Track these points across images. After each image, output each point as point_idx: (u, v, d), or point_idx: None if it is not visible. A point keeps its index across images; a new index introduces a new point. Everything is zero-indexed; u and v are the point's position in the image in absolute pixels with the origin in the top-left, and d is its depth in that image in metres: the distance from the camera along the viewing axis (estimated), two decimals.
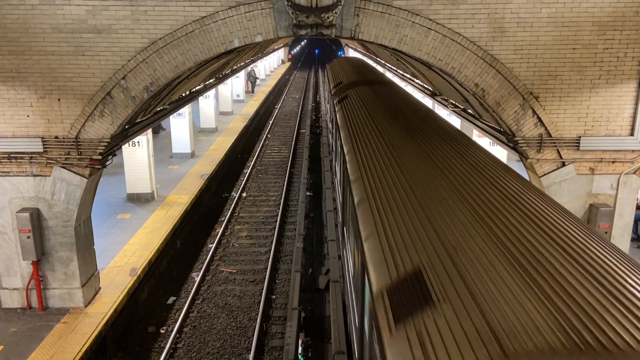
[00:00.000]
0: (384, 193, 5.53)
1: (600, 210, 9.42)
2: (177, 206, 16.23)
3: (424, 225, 4.58)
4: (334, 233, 13.64)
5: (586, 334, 2.75)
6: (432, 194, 5.23)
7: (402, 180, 5.73)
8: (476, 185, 5.40)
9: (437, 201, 4.93)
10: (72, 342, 9.28)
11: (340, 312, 9.61)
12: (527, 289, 3.25)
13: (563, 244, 3.89)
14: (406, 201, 5.08)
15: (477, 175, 5.74)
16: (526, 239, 3.98)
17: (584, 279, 3.33)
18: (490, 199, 4.94)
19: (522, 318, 2.94)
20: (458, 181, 5.55)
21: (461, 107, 13.13)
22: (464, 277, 3.54)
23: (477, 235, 4.14)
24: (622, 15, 8.82)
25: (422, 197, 5.19)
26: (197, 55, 9.19)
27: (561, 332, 2.78)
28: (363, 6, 8.93)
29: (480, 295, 3.26)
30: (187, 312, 11.70)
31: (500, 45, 9.07)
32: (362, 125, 8.99)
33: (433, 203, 4.98)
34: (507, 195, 5.04)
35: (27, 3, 8.83)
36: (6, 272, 10.24)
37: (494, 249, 3.86)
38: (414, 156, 6.54)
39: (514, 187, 5.37)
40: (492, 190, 5.22)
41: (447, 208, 4.82)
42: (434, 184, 5.50)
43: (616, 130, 9.39)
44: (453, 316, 3.13)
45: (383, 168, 6.37)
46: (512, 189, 5.30)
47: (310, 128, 31.23)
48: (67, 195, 9.77)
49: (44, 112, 9.38)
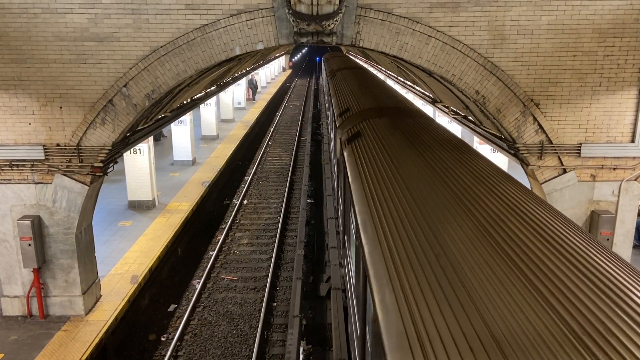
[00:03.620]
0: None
1: (601, 217, 9.40)
2: (178, 213, 16.23)
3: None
4: (335, 240, 13.61)
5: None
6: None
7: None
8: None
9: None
10: (73, 350, 9.25)
11: (341, 320, 9.57)
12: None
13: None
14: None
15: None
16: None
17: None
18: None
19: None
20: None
21: (462, 114, 13.14)
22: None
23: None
24: (622, 22, 8.85)
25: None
26: (199, 63, 9.22)
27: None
28: (364, 14, 8.97)
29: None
30: (188, 320, 11.67)
31: (501, 52, 9.09)
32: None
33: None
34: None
35: (29, 12, 8.88)
36: (7, 279, 10.22)
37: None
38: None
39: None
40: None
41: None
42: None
43: (617, 137, 9.39)
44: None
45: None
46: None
47: (311, 135, 31.28)
48: (68, 203, 9.78)
49: (46, 120, 9.40)
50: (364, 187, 6.22)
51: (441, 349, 2.95)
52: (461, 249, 4.10)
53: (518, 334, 2.86)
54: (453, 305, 3.33)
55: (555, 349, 2.70)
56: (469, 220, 4.64)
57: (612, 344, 2.71)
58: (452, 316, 3.21)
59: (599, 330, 2.83)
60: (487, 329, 2.97)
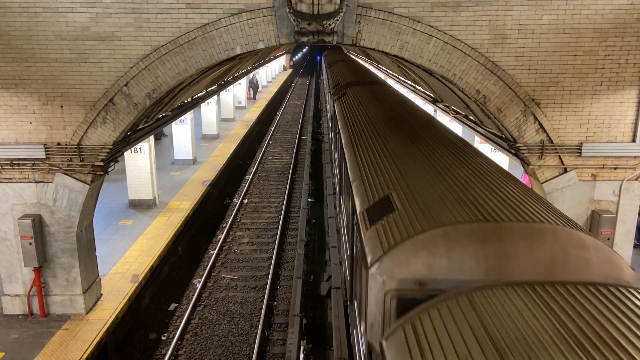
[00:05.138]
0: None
1: (602, 217, 9.40)
2: (179, 212, 16.24)
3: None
4: (335, 239, 13.61)
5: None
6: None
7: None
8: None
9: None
10: (74, 349, 9.26)
11: (342, 319, 9.57)
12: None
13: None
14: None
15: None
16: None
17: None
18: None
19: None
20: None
21: (463, 113, 13.14)
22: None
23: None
24: (623, 22, 8.84)
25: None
26: (199, 62, 9.22)
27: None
28: (364, 13, 8.96)
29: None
30: (189, 319, 11.68)
31: (502, 52, 9.08)
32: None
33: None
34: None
35: (30, 11, 8.89)
36: (8, 278, 10.24)
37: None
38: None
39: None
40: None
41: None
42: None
43: (618, 136, 9.38)
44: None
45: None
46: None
47: (311, 135, 31.27)
48: (69, 202, 9.79)
49: (47, 119, 9.41)
50: (346, 123, 11.05)
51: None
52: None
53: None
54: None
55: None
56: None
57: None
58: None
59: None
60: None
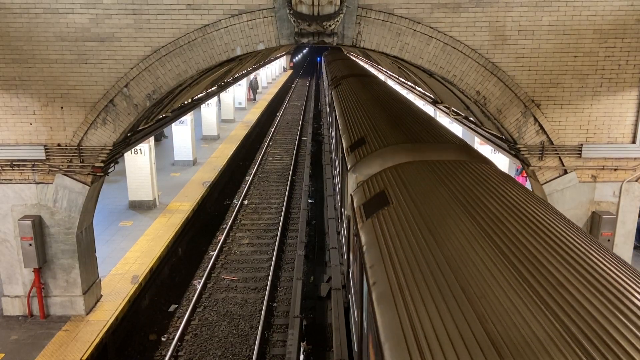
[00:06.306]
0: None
1: (602, 218, 9.39)
2: (179, 213, 16.24)
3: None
4: (335, 241, 13.61)
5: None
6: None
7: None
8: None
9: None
10: (73, 350, 9.26)
11: (342, 320, 9.57)
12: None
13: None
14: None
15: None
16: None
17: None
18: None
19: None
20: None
21: (463, 114, 13.14)
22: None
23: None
24: (623, 23, 8.85)
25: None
26: (199, 63, 9.23)
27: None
28: (364, 14, 8.97)
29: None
30: (189, 320, 11.67)
31: (502, 53, 9.09)
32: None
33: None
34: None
35: (30, 12, 8.89)
36: (8, 279, 10.23)
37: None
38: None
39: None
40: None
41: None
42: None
43: (618, 137, 9.38)
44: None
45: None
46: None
47: (311, 136, 31.27)
48: (69, 203, 9.78)
49: (47, 120, 9.41)
50: (340, 104, 13.25)
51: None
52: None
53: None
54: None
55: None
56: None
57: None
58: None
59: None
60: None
